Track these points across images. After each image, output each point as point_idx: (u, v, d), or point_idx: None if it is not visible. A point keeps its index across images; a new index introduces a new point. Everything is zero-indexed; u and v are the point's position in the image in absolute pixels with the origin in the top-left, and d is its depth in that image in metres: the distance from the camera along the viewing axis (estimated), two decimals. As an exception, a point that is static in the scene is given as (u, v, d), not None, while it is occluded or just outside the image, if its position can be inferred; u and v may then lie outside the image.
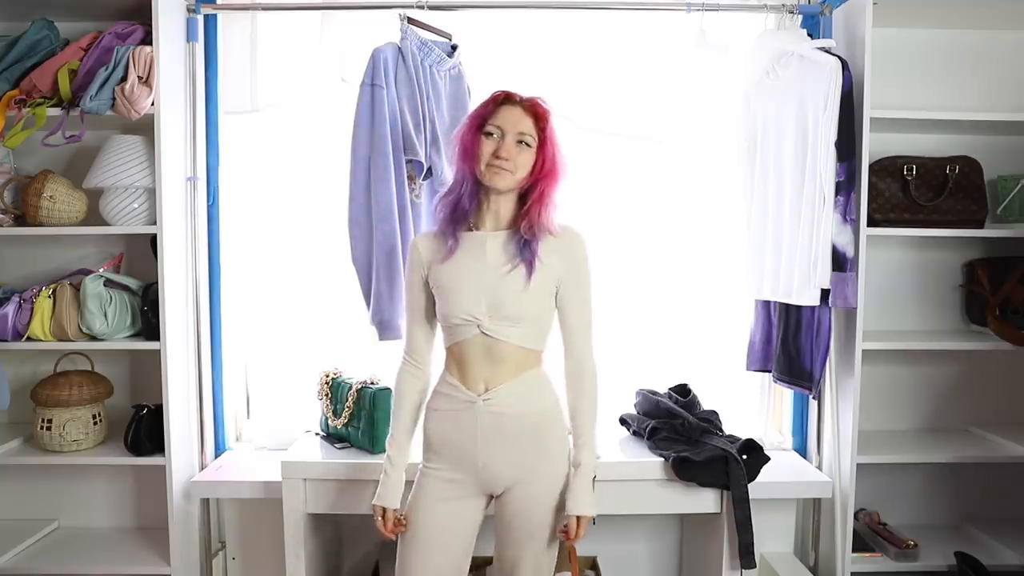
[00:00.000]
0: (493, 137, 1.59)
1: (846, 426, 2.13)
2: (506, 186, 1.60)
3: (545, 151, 1.61)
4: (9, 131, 2.06)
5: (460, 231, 1.65)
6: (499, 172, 1.58)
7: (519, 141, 1.59)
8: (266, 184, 2.37)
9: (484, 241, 1.64)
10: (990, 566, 2.13)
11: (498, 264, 1.61)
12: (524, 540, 1.65)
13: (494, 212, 1.64)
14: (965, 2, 2.17)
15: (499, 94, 1.63)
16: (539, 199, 1.60)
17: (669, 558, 2.47)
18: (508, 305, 1.59)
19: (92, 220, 2.23)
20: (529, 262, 1.59)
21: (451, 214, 1.65)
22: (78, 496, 2.40)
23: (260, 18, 2.25)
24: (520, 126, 1.59)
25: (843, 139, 1.96)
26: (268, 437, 2.36)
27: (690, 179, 2.36)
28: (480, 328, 1.60)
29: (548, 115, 1.63)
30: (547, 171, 1.61)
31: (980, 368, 2.46)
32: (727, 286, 2.35)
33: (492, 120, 1.60)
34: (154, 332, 2.12)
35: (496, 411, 1.61)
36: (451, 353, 1.67)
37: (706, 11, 2.15)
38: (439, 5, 2.14)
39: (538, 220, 1.60)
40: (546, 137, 1.61)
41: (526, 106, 1.61)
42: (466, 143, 1.62)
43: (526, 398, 1.63)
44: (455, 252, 1.63)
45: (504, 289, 1.60)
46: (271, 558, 2.24)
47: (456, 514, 1.66)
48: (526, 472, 1.63)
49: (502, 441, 1.61)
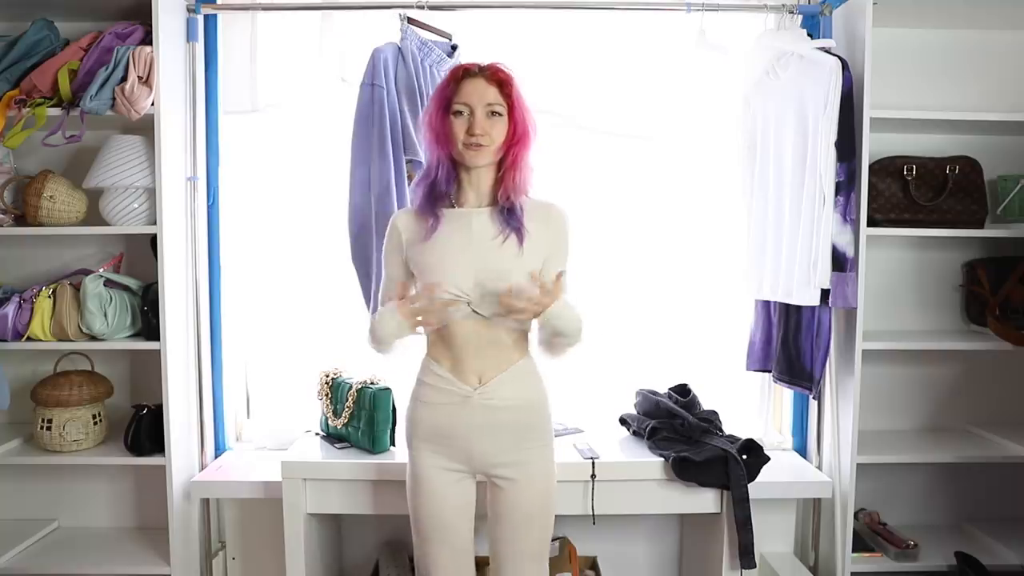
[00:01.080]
0: (463, 115, 1.57)
1: (846, 426, 2.13)
2: (485, 161, 1.60)
3: (515, 116, 1.59)
4: (9, 131, 2.06)
5: (440, 209, 1.63)
6: (476, 149, 1.57)
7: (490, 113, 1.57)
8: (266, 184, 2.37)
9: (469, 217, 1.62)
10: (990, 566, 2.13)
11: (486, 238, 1.60)
12: (520, 527, 1.65)
13: (475, 187, 1.64)
14: (965, 2, 2.17)
15: (457, 69, 1.61)
16: (513, 164, 1.60)
17: (669, 558, 2.47)
18: (499, 279, 1.57)
19: (92, 220, 2.23)
20: (517, 230, 1.59)
21: (428, 195, 1.63)
22: (78, 496, 2.40)
23: (260, 18, 2.25)
24: (487, 97, 1.57)
25: (843, 139, 1.96)
26: (268, 437, 2.37)
27: (690, 179, 2.36)
28: (471, 306, 1.59)
29: (511, 79, 1.60)
30: (519, 136, 1.60)
31: (980, 368, 2.46)
32: (727, 286, 2.35)
33: (457, 98, 1.58)
34: (154, 332, 2.12)
35: (491, 404, 1.62)
36: (438, 339, 1.65)
37: (706, 11, 2.15)
38: (439, 5, 2.14)
39: (513, 185, 1.60)
40: (514, 102, 1.59)
41: (488, 76, 1.58)
42: (436, 128, 1.60)
43: (519, 388, 1.64)
44: (437, 230, 1.61)
45: (494, 262, 1.58)
46: (271, 558, 2.25)
47: (458, 495, 1.67)
48: (518, 457, 1.64)
49: (495, 431, 1.63)
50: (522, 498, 1.65)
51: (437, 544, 1.67)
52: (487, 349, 1.62)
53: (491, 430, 1.63)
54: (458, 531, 1.67)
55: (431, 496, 1.66)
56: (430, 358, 1.68)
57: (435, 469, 1.66)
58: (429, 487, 1.66)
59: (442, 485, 1.66)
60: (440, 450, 1.65)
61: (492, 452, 1.63)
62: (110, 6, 2.17)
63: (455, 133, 1.58)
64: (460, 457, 1.65)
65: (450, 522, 1.66)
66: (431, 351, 1.68)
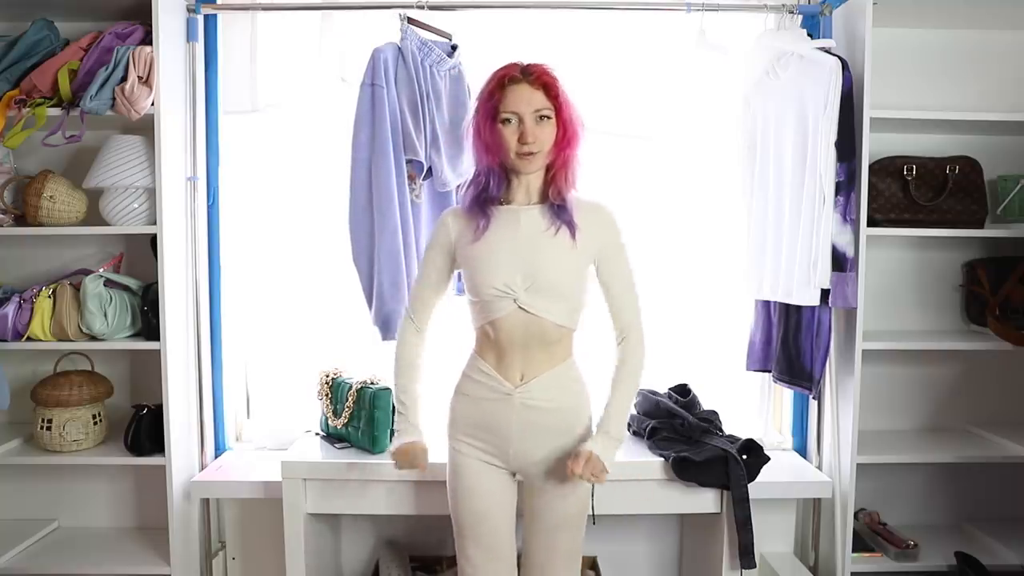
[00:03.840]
0: (511, 123, 1.56)
1: (846, 426, 2.13)
2: (538, 167, 1.60)
3: (563, 117, 1.58)
4: (9, 131, 2.06)
5: (491, 208, 1.63)
6: (528, 157, 1.56)
7: (539, 118, 1.56)
8: (266, 184, 2.37)
9: (518, 214, 1.62)
10: (990, 566, 2.13)
11: (535, 233, 1.60)
12: (555, 531, 1.66)
13: (525, 186, 1.64)
14: (965, 2, 2.17)
15: (502, 75, 1.57)
16: (564, 164, 1.60)
17: (669, 558, 2.47)
18: (546, 273, 1.57)
19: (92, 220, 2.23)
20: (569, 223, 1.59)
21: (477, 198, 1.63)
22: (78, 496, 2.40)
23: (260, 18, 2.25)
24: (534, 103, 1.55)
25: (843, 139, 1.96)
26: (268, 437, 2.37)
27: (690, 179, 2.36)
28: (516, 302, 1.58)
29: (556, 81, 1.58)
30: (569, 137, 1.59)
31: (980, 368, 2.46)
32: (727, 286, 2.35)
33: (504, 107, 1.55)
34: (154, 332, 2.12)
35: (531, 404, 1.62)
36: (485, 335, 1.66)
37: (706, 11, 2.15)
38: (439, 5, 2.14)
39: (565, 183, 1.61)
40: (560, 104, 1.58)
41: (533, 80, 1.56)
42: (487, 139, 1.58)
43: (560, 391, 1.64)
44: (487, 229, 1.62)
45: (543, 256, 1.58)
46: (271, 558, 2.25)
47: (497, 491, 1.67)
48: (556, 462, 1.64)
49: (534, 433, 1.63)
50: (559, 503, 1.65)
51: (474, 543, 1.67)
52: (531, 346, 1.62)
53: (530, 430, 1.63)
54: (498, 530, 1.67)
55: (471, 491, 1.67)
56: (476, 354, 1.69)
57: (475, 461, 1.67)
58: (468, 481, 1.67)
59: (482, 478, 1.67)
60: (479, 444, 1.66)
61: (530, 451, 1.64)
62: (110, 6, 2.17)
63: (507, 142, 1.56)
64: (498, 453, 1.66)
65: (489, 519, 1.66)
66: (478, 346, 1.69)
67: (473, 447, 1.67)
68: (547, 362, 1.63)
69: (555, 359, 1.64)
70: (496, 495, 1.68)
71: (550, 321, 1.60)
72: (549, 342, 1.62)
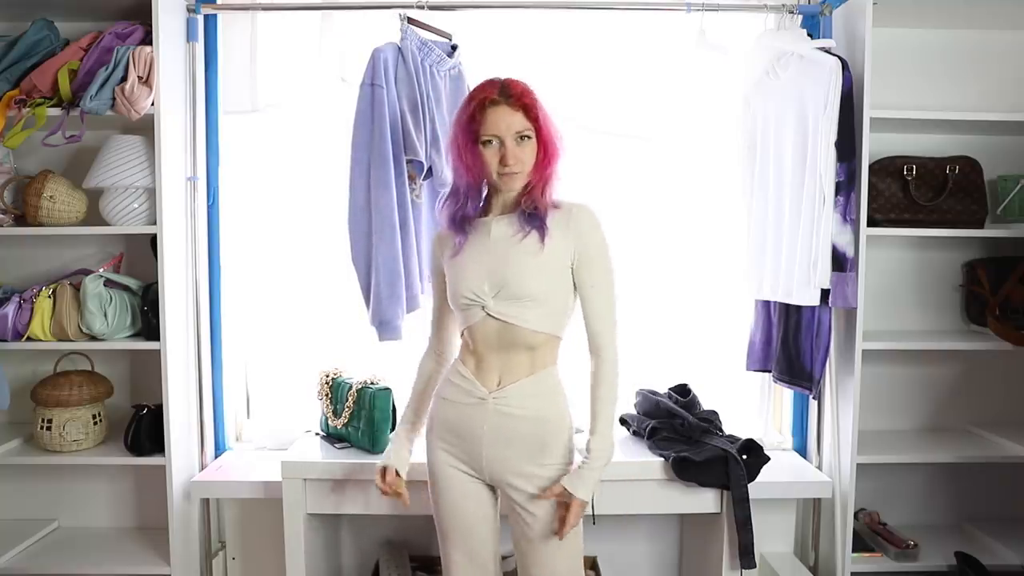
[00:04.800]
0: (492, 145, 1.56)
1: (846, 426, 2.13)
2: (520, 185, 1.60)
3: (543, 137, 1.59)
4: (9, 131, 2.06)
5: (467, 225, 1.64)
6: (510, 176, 1.57)
7: (519, 139, 1.57)
8: (266, 184, 2.37)
9: (489, 224, 1.64)
10: (990, 566, 2.13)
11: (503, 240, 1.60)
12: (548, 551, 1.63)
13: (502, 200, 1.65)
14: (965, 2, 2.17)
15: (481, 98, 1.56)
16: (542, 181, 1.60)
17: (669, 558, 2.47)
18: (515, 280, 1.57)
19: (92, 220, 2.23)
20: (538, 228, 1.58)
21: (453, 217, 1.65)
22: (78, 496, 2.40)
23: (260, 18, 2.25)
24: (514, 126, 1.56)
25: (843, 139, 1.96)
26: (268, 437, 2.37)
27: (690, 179, 2.36)
28: (485, 309, 1.59)
29: (535, 101, 1.58)
30: (549, 156, 1.60)
31: (980, 368, 2.46)
32: (727, 286, 2.35)
33: (484, 130, 1.55)
34: (154, 332, 2.12)
35: (505, 411, 1.61)
36: (464, 341, 1.67)
37: (706, 11, 2.15)
38: (439, 5, 2.14)
39: (540, 195, 1.60)
40: (540, 125, 1.58)
41: (512, 102, 1.55)
42: (468, 161, 1.58)
43: (536, 401, 1.62)
44: (464, 244, 1.64)
45: (510, 263, 1.58)
46: (271, 558, 2.25)
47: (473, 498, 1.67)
48: (530, 471, 1.62)
49: (507, 441, 1.61)
50: (546, 522, 1.62)
51: (454, 546, 1.68)
52: (509, 352, 1.61)
53: (502, 438, 1.61)
54: (478, 535, 1.68)
55: (446, 494, 1.67)
56: (459, 359, 1.70)
57: (449, 468, 1.67)
58: (444, 484, 1.67)
59: (456, 484, 1.66)
60: (453, 450, 1.66)
61: (501, 460, 1.62)
62: (110, 6, 2.17)
63: (488, 163, 1.57)
64: (470, 460, 1.65)
65: (467, 523, 1.67)
66: (461, 352, 1.70)
67: (448, 452, 1.66)
68: (527, 368, 1.62)
69: (536, 366, 1.63)
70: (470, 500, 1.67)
71: (525, 328, 1.59)
72: (530, 347, 1.61)
